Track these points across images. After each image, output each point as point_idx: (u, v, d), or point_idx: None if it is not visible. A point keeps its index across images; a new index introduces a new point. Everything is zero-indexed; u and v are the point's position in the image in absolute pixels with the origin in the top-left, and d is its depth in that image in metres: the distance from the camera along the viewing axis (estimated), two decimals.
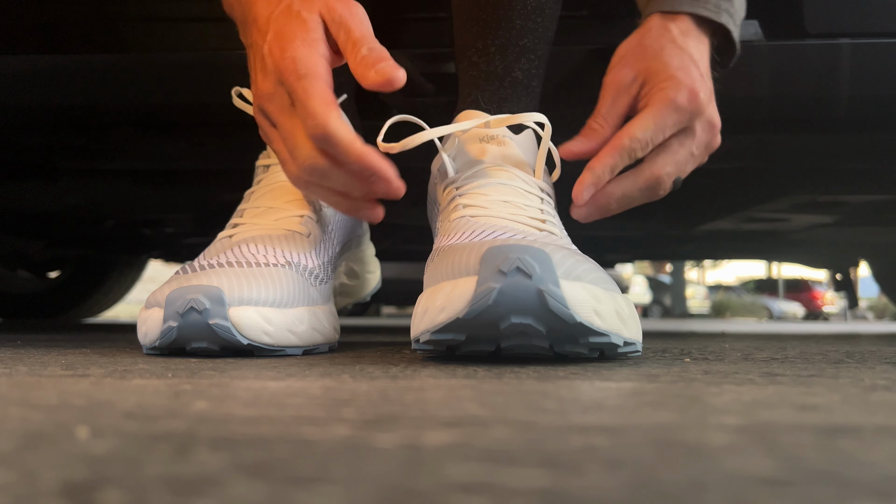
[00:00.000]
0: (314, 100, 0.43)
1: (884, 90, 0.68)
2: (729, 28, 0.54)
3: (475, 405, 0.24)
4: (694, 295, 12.26)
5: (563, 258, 0.37)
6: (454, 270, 0.39)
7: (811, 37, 0.67)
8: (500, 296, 0.36)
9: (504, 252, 0.36)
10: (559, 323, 0.36)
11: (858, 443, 0.18)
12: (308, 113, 0.43)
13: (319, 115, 0.42)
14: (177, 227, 1.33)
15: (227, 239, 0.52)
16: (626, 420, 0.21)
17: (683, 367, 0.39)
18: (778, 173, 0.90)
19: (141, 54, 0.71)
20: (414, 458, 0.16)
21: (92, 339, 0.75)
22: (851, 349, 0.62)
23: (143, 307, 0.49)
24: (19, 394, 0.27)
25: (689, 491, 0.14)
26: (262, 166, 0.58)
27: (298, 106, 0.43)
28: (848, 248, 1.55)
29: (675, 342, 0.74)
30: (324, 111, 0.42)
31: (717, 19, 0.53)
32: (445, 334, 0.39)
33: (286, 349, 0.47)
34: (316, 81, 0.43)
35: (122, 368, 0.38)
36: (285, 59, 0.43)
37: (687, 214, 1.16)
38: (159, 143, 0.82)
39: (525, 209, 0.47)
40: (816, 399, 0.27)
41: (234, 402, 0.25)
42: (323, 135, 0.43)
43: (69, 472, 0.15)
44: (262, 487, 0.14)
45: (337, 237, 0.58)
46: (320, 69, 0.43)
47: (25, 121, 0.76)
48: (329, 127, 0.42)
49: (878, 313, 13.18)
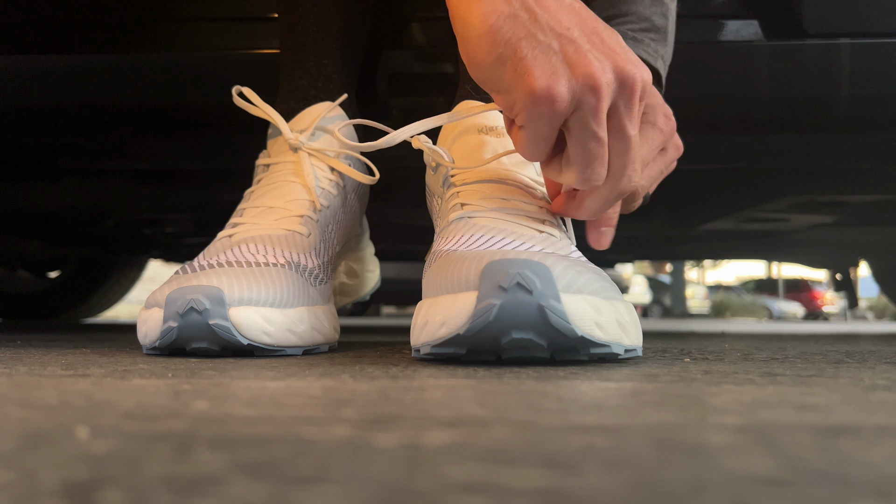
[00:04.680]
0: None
1: (884, 90, 0.68)
2: (662, 74, 0.59)
3: (475, 405, 0.24)
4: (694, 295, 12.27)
5: (564, 271, 0.37)
6: (454, 284, 0.39)
7: (811, 37, 0.67)
8: (501, 312, 0.36)
9: (504, 267, 0.36)
10: (560, 337, 0.37)
11: (858, 443, 0.18)
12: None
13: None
14: (177, 227, 1.33)
15: (226, 238, 0.52)
16: (626, 420, 0.21)
17: (683, 367, 0.39)
18: (778, 173, 0.90)
19: (141, 54, 0.71)
20: (414, 458, 0.16)
21: (92, 339, 0.75)
22: (851, 349, 0.62)
23: (142, 307, 0.49)
24: (19, 394, 0.27)
25: (689, 491, 0.14)
26: (262, 166, 0.58)
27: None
28: (848, 248, 1.55)
29: (675, 342, 0.74)
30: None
31: (654, 64, 0.58)
32: (446, 348, 0.39)
33: (286, 349, 0.47)
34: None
35: (122, 368, 0.38)
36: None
37: (687, 214, 1.16)
38: (159, 143, 0.82)
39: (524, 208, 0.47)
40: (816, 399, 0.27)
41: (234, 402, 0.25)
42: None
43: (69, 472, 0.15)
44: (262, 487, 0.14)
45: (337, 237, 0.58)
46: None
47: (25, 121, 0.76)
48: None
49: (878, 313, 13.18)
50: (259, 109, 0.57)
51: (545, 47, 0.40)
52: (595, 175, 0.43)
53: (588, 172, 0.42)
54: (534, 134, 0.42)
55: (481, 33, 0.40)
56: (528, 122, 0.41)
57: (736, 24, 0.69)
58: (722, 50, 0.69)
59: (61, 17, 0.71)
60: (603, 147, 0.42)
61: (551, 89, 0.39)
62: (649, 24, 0.59)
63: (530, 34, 0.40)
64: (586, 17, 0.42)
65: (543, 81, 0.39)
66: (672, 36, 0.61)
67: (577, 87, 0.39)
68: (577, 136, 0.41)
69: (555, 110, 0.40)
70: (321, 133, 0.58)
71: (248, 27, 0.71)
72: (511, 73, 0.40)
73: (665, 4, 0.60)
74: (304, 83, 0.60)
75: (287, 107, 0.60)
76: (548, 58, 0.40)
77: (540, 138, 0.42)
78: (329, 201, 0.57)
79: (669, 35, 0.60)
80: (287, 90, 0.61)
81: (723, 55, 0.69)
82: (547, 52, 0.40)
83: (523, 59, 0.40)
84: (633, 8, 0.59)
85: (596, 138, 0.41)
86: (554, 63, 0.40)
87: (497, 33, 0.40)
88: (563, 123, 0.41)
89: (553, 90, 0.39)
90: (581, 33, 0.40)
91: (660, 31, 0.59)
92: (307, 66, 0.60)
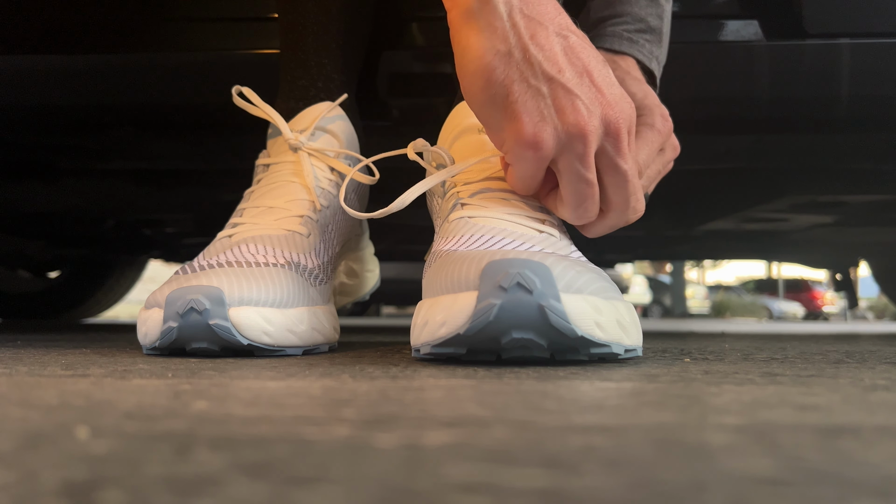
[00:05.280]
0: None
1: (884, 90, 0.68)
2: (656, 75, 0.60)
3: (475, 405, 0.24)
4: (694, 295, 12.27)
5: (564, 271, 0.37)
6: (454, 283, 0.39)
7: (811, 37, 0.67)
8: (501, 312, 0.36)
9: (504, 267, 0.36)
10: (560, 336, 0.37)
11: (858, 443, 0.18)
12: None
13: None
14: (177, 227, 1.33)
15: (226, 238, 0.52)
16: (626, 420, 0.21)
17: (683, 367, 0.39)
18: (778, 173, 0.90)
19: (141, 54, 0.71)
20: (414, 458, 0.16)
21: (92, 339, 0.75)
22: (851, 349, 0.62)
23: (142, 307, 0.49)
24: (19, 394, 0.27)
25: (689, 491, 0.14)
26: (261, 165, 0.58)
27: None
28: (848, 248, 1.55)
29: (675, 342, 0.74)
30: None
31: (648, 65, 0.59)
32: (446, 348, 0.39)
33: (286, 349, 0.47)
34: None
35: (122, 368, 0.38)
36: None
37: (687, 214, 1.16)
38: (159, 143, 0.82)
39: (524, 207, 0.47)
40: (816, 399, 0.27)
41: (234, 402, 0.25)
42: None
43: (69, 472, 0.15)
44: (262, 487, 0.14)
45: (337, 237, 0.58)
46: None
47: (25, 121, 0.76)
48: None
49: (878, 313, 13.18)
50: (259, 109, 0.57)
51: (535, 92, 0.42)
52: (587, 213, 0.45)
53: (580, 211, 0.45)
54: (521, 172, 0.45)
55: (477, 69, 0.42)
56: (514, 162, 0.44)
57: (736, 24, 0.69)
58: (722, 50, 0.69)
59: (61, 17, 0.71)
60: (592, 188, 0.44)
61: (537, 136, 0.41)
62: (644, 25, 0.59)
63: (523, 77, 0.42)
64: (579, 51, 0.43)
65: (531, 128, 0.41)
66: (667, 37, 0.61)
67: (563, 135, 0.42)
68: (566, 178, 0.44)
69: (539, 155, 0.42)
70: (321, 133, 0.58)
71: (248, 27, 0.71)
72: (501, 113, 0.42)
73: (661, 6, 0.61)
74: (304, 83, 0.60)
75: (287, 107, 0.60)
76: (537, 103, 0.41)
77: (526, 176, 0.45)
78: (329, 201, 0.57)
79: (664, 36, 0.61)
80: (287, 90, 0.61)
81: (723, 55, 0.69)
82: (536, 97, 0.42)
83: (514, 104, 0.42)
84: (628, 9, 0.60)
85: (584, 180, 0.43)
86: (542, 109, 0.42)
87: (492, 73, 0.42)
88: (553, 163, 0.44)
89: (538, 137, 0.41)
90: (573, 73, 0.42)
91: (655, 32, 0.60)
92: (307, 66, 0.60)
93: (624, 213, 0.47)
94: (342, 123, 0.59)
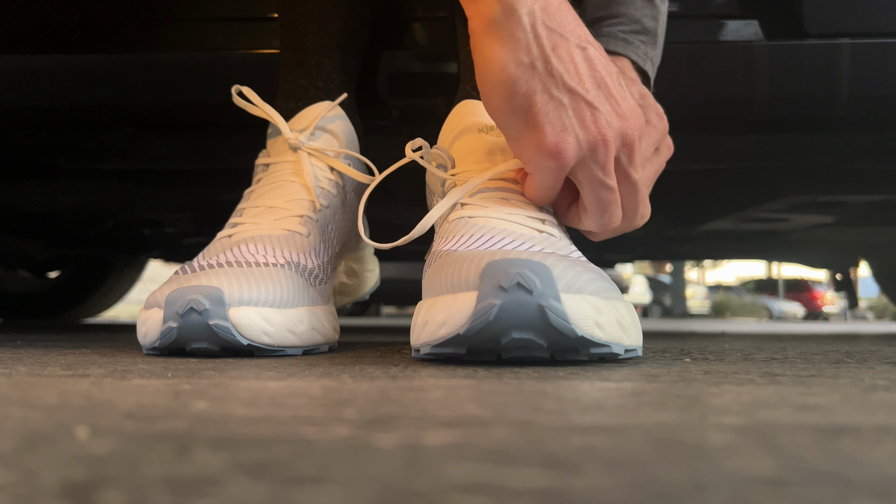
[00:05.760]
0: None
1: (884, 90, 0.68)
2: (650, 76, 0.60)
3: (475, 405, 0.24)
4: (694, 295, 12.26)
5: (564, 271, 0.37)
6: (454, 283, 0.39)
7: (811, 37, 0.67)
8: (501, 312, 0.36)
9: (504, 267, 0.36)
10: (560, 337, 0.36)
11: (858, 443, 0.18)
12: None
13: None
14: (177, 227, 1.33)
15: (226, 238, 0.52)
16: (626, 420, 0.21)
17: (683, 367, 0.39)
18: (778, 173, 0.90)
19: (141, 54, 0.71)
20: (414, 458, 0.16)
21: (92, 339, 0.75)
22: (851, 349, 0.62)
23: (142, 308, 0.49)
24: (19, 394, 0.27)
25: (689, 491, 0.14)
26: (261, 165, 0.58)
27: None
28: (848, 248, 1.55)
29: (675, 342, 0.74)
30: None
31: (643, 66, 0.60)
32: (446, 348, 0.39)
33: (286, 349, 0.47)
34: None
35: (122, 368, 0.38)
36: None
37: (687, 214, 1.16)
38: (159, 143, 0.82)
39: (524, 207, 0.47)
40: (816, 399, 0.27)
41: (234, 402, 0.25)
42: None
43: (69, 472, 0.15)
44: (262, 487, 0.14)
45: (336, 237, 0.58)
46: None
47: (25, 121, 0.76)
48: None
49: (878, 313, 13.18)
50: (259, 109, 0.57)
51: (557, 103, 0.43)
52: (612, 219, 0.47)
53: (606, 217, 0.47)
54: (540, 182, 0.45)
55: (500, 80, 0.43)
56: (534, 171, 0.45)
57: (736, 24, 0.69)
58: (722, 50, 0.69)
59: (61, 17, 0.71)
60: (615, 194, 0.45)
61: (559, 145, 0.42)
62: (639, 27, 0.60)
63: (545, 88, 0.43)
64: (596, 63, 0.44)
65: (553, 137, 0.42)
66: (662, 38, 0.62)
67: (584, 144, 0.43)
68: (588, 186, 0.45)
69: (560, 164, 0.43)
70: (321, 133, 0.58)
71: (248, 27, 0.71)
72: (523, 124, 0.43)
73: (656, 7, 0.61)
74: (304, 83, 0.60)
75: (287, 106, 0.60)
76: (559, 114, 0.43)
77: (546, 186, 0.46)
78: (329, 201, 0.57)
79: (659, 38, 0.61)
80: (287, 90, 0.61)
81: (723, 55, 0.69)
82: (559, 108, 0.43)
83: (536, 114, 0.43)
84: (624, 10, 0.60)
85: (607, 187, 0.45)
86: (564, 120, 0.43)
87: (515, 84, 0.43)
88: (572, 174, 0.45)
89: (560, 146, 0.43)
90: (593, 85, 0.43)
91: (650, 33, 0.60)
92: (307, 66, 0.60)
93: (632, 220, 0.49)
94: (342, 123, 0.59)
